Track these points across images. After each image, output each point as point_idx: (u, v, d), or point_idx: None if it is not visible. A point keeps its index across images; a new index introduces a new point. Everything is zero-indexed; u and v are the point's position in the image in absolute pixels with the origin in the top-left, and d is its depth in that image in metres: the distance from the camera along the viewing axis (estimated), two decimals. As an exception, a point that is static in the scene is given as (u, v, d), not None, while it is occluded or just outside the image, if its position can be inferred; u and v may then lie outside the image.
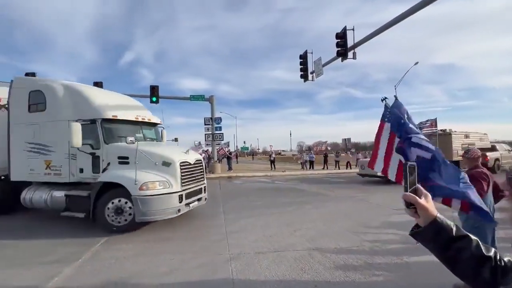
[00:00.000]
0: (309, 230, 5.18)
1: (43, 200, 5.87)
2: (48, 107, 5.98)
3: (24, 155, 6.18)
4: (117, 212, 5.21)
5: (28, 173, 6.19)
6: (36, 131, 6.08)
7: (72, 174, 5.78)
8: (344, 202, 8.02)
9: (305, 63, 11.62)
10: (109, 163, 5.50)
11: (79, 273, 3.56)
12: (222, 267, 3.62)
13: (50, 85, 6.10)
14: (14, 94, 6.35)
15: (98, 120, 5.68)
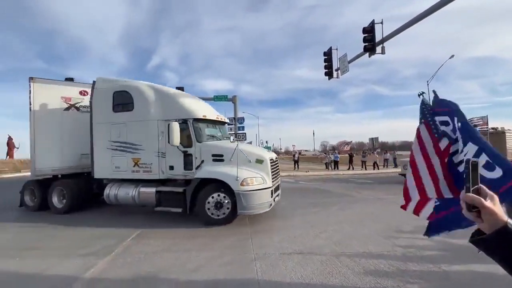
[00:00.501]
0: (335, 233, 5.00)
1: (130, 196, 6.12)
2: (136, 107, 6.19)
3: (108, 153, 6.40)
4: (216, 206, 5.51)
5: (113, 171, 6.40)
6: (122, 130, 6.29)
7: (162, 171, 6.00)
8: (372, 204, 7.65)
9: (330, 60, 11.26)
10: (203, 160, 5.76)
11: (112, 265, 3.76)
12: (247, 266, 3.62)
13: (137, 87, 6.30)
14: (97, 94, 6.54)
15: (190, 120, 5.95)
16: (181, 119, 5.90)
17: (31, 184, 7.36)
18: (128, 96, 6.26)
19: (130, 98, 6.24)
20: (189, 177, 5.84)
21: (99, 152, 6.53)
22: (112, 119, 6.38)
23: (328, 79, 11.54)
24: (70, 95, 7.32)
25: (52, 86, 7.09)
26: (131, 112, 6.23)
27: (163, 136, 5.91)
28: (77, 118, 7.34)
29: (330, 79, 11.69)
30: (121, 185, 6.40)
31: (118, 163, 6.31)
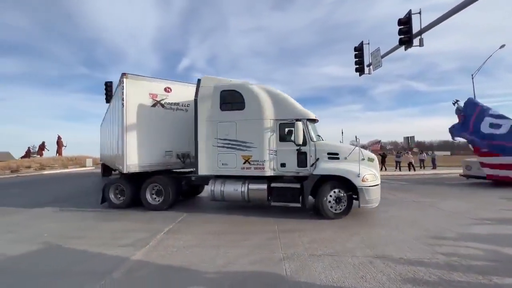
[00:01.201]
0: (368, 236, 4.76)
1: (239, 192, 6.36)
2: (247, 106, 6.38)
3: (214, 151, 6.56)
4: (336, 201, 5.87)
5: (219, 168, 6.54)
6: (231, 128, 6.45)
7: (273, 168, 6.26)
8: (408, 207, 7.16)
9: (361, 55, 10.78)
10: (318, 158, 6.06)
11: (147, 257, 3.97)
12: (276, 266, 3.59)
13: (249, 87, 6.51)
14: (203, 92, 6.70)
15: (304, 120, 6.20)
16: (295, 119, 6.14)
17: (117, 181, 7.52)
18: (238, 95, 6.44)
19: (240, 97, 6.42)
20: (302, 174, 6.14)
21: (204, 149, 6.63)
22: (220, 117, 6.53)
23: (359, 75, 11.06)
24: (156, 91, 7.38)
25: (141, 83, 7.21)
26: (241, 111, 6.40)
27: (275, 135, 6.26)
28: (162, 115, 7.45)
29: (361, 76, 11.19)
30: (225, 182, 6.54)
31: (226, 160, 6.47)
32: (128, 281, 3.23)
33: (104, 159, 14.99)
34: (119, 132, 7.20)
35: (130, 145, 6.86)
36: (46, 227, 5.68)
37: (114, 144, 8.40)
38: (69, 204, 8.24)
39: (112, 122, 9.35)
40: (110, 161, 10.95)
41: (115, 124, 8.09)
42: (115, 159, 8.38)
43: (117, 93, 7.62)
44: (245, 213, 6.68)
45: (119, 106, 7.11)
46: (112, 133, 9.13)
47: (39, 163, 27.82)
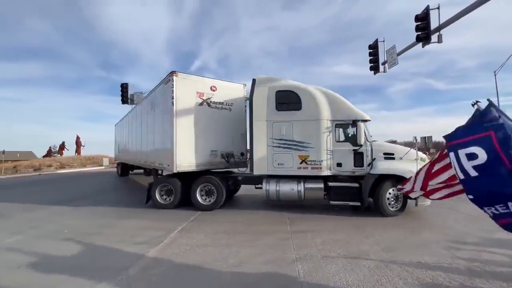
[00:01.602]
0: (383, 238, 4.64)
1: (296, 191, 6.41)
2: (304, 107, 6.44)
3: (269, 150, 6.57)
4: (395, 199, 6.08)
5: (274, 167, 6.56)
6: (287, 128, 6.49)
7: (330, 168, 6.37)
8: (425, 210, 6.89)
9: (376, 53, 10.49)
10: (374, 158, 6.20)
11: (161, 255, 4.05)
12: (289, 267, 3.56)
13: (305, 88, 6.58)
14: (258, 92, 6.70)
15: (360, 121, 6.31)
16: (351, 120, 6.32)
17: (164, 180, 7.36)
18: (295, 96, 6.50)
19: (297, 98, 6.48)
20: (358, 173, 6.28)
21: (260, 149, 6.63)
22: (276, 117, 6.56)
23: (374, 73, 10.77)
24: (202, 90, 7.29)
25: (189, 81, 7.11)
26: (298, 111, 6.46)
27: (332, 135, 6.38)
28: (209, 114, 7.37)
29: (376, 74, 10.89)
30: (279, 182, 6.56)
31: (282, 160, 6.50)
32: (144, 278, 3.31)
33: (126, 158, 14.67)
34: (167, 131, 7.00)
35: (180, 144, 6.76)
36: (67, 224, 5.93)
37: (156, 143, 8.07)
38: (88, 201, 8.55)
39: (149, 121, 9.00)
40: (137, 160, 11.11)
41: (158, 123, 7.83)
42: (156, 159, 8.13)
43: (163, 91, 7.40)
44: (256, 213, 6.69)
45: (168, 105, 6.93)
46: (149, 132, 8.84)
47: (59, 162, 29.07)
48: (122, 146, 15.81)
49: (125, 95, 18.90)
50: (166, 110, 7.12)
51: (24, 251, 4.31)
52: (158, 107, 7.97)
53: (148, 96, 9.48)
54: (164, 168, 7.45)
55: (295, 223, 5.66)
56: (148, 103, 9.20)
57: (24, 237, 5.03)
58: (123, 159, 15.87)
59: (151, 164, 8.80)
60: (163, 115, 7.50)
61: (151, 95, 8.85)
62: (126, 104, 18.91)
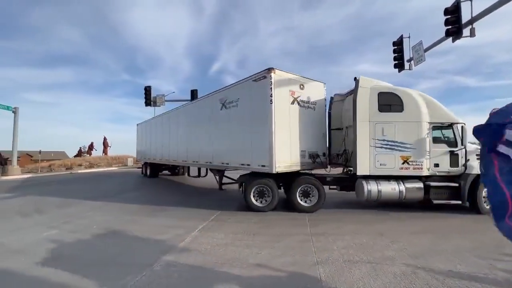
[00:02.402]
0: (410, 244, 4.41)
1: (397, 191, 6.47)
2: (405, 109, 6.60)
3: (371, 151, 6.62)
4: None
5: (376, 168, 6.61)
6: (390, 129, 6.59)
7: (428, 168, 6.56)
8: (458, 214, 6.47)
9: (401, 50, 10.06)
10: (468, 159, 6.49)
11: (183, 252, 4.15)
12: (309, 269, 3.50)
13: (406, 91, 6.76)
14: (361, 93, 6.75)
15: (457, 124, 6.64)
16: (448, 123, 6.63)
17: (259, 182, 7.01)
18: (397, 98, 6.65)
19: (398, 100, 6.64)
20: (453, 173, 6.55)
21: (363, 150, 6.67)
22: (378, 118, 6.65)
23: (398, 71, 10.33)
24: (293, 88, 7.09)
25: (284, 78, 6.92)
26: (400, 113, 6.60)
27: (430, 137, 6.58)
28: (298, 113, 7.20)
29: (401, 72, 10.44)
30: (378, 182, 6.58)
31: (384, 160, 6.59)
32: (167, 275, 3.40)
33: (160, 159, 14.38)
34: (263, 130, 6.72)
35: (277, 144, 6.56)
36: (96, 220, 6.27)
37: (237, 143, 7.70)
38: (115, 199, 8.99)
39: (219, 119, 8.64)
40: (184, 160, 11.06)
41: (244, 122, 7.49)
42: (236, 159, 7.74)
43: (253, 88, 7.09)
44: (275, 214, 6.65)
45: (262, 103, 6.69)
46: (220, 131, 8.54)
47: (88, 162, 30.86)
48: (154, 146, 15.46)
49: (148, 98, 19.71)
50: (260, 108, 6.83)
51: (59, 244, 4.62)
52: (242, 105, 7.54)
53: (212, 95, 9.06)
54: (254, 169, 7.09)
55: (316, 225, 5.55)
56: (213, 102, 8.85)
57: (59, 232, 5.38)
58: (152, 159, 15.68)
59: (220, 165, 8.48)
60: (252, 113, 7.13)
61: (222, 93, 8.44)
62: (149, 106, 19.73)
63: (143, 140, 17.88)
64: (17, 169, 20.09)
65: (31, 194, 10.57)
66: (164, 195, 9.88)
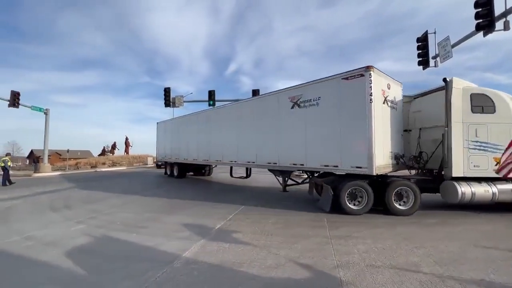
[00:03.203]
0: (436, 250, 4.19)
1: (491, 193, 6.43)
2: (497, 110, 6.58)
3: (465, 152, 6.55)
4: None
5: (469, 169, 6.54)
6: (482, 130, 6.56)
7: None
8: (492, 220, 6.07)
9: (425, 46, 9.63)
10: None
11: (202, 250, 4.22)
12: (329, 272, 3.42)
13: (497, 92, 6.75)
14: (455, 93, 6.66)
15: None
16: None
17: (357, 184, 6.74)
18: (488, 99, 6.64)
19: (490, 101, 6.63)
20: None
21: (457, 151, 6.58)
22: (471, 119, 6.60)
23: (423, 69, 9.89)
24: (383, 87, 6.97)
25: (379, 77, 6.74)
26: (492, 114, 6.59)
27: None
28: (388, 113, 7.09)
29: (425, 69, 9.98)
30: (470, 184, 6.50)
31: (477, 162, 6.54)
32: (187, 272, 3.47)
33: (193, 158, 14.03)
34: (357, 130, 6.52)
35: (377, 145, 6.39)
36: (119, 216, 6.55)
37: (330, 143, 7.16)
38: (137, 196, 9.34)
39: (294, 119, 8.19)
40: (228, 159, 10.91)
41: (328, 121, 7.20)
42: (321, 159, 7.34)
43: (342, 87, 6.84)
44: (294, 214, 6.59)
45: (362, 102, 6.40)
46: (296, 130, 8.06)
47: (111, 161, 32.30)
48: (184, 146, 14.94)
49: (168, 98, 20.24)
50: (354, 108, 6.60)
51: (86, 238, 4.87)
52: (325, 103, 7.25)
53: (276, 94, 8.77)
54: (346, 170, 6.82)
55: (335, 228, 5.43)
56: (279, 100, 8.57)
57: (85, 227, 5.67)
58: (181, 159, 15.16)
59: (289, 166, 8.24)
60: (342, 112, 6.86)
61: (292, 91, 8.16)
62: (168, 107, 20.26)
63: (167, 139, 17.23)
64: (47, 167, 21.43)
65: (60, 190, 11.25)
66: (182, 194, 10.10)
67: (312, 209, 7.17)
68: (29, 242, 4.73)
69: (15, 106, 19.15)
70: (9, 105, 18.98)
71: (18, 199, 9.21)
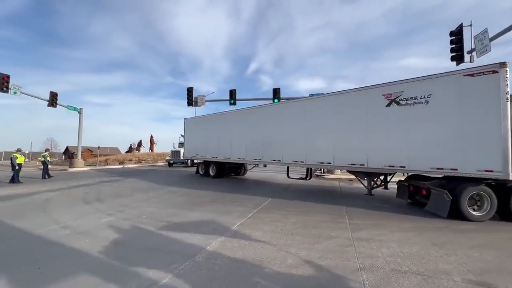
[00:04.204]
0: (471, 259, 3.91)
1: None
2: None
3: None
4: None
5: None
6: None
7: None
8: (530, 230, 5.55)
9: (459, 40, 8.99)
10: None
11: (223, 246, 4.30)
12: (352, 275, 3.33)
13: None
14: None
15: None
16: None
17: (481, 189, 6.17)
18: None
19: None
20: None
21: None
22: None
23: (456, 64, 9.26)
24: None
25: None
26: None
27: None
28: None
29: (459, 65, 9.33)
30: None
31: None
32: (208, 267, 3.56)
33: (236, 157, 13.30)
34: (493, 131, 6.02)
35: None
36: (145, 210, 6.86)
37: (445, 144, 6.65)
38: (162, 192, 9.73)
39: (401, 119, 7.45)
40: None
41: (441, 121, 6.72)
42: (441, 162, 6.68)
43: (470, 84, 6.35)
44: (315, 215, 6.48)
45: (495, 101, 5.96)
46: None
47: (137, 157, 33.90)
48: (224, 143, 14.04)
49: (190, 98, 20.79)
50: (483, 107, 6.13)
51: (115, 230, 5.17)
52: (438, 102, 6.74)
53: (364, 90, 8.18)
54: (469, 174, 6.27)
55: (358, 230, 5.27)
56: (369, 97, 7.99)
57: (114, 219, 6.02)
58: (220, 158, 14.29)
59: (382, 168, 7.73)
60: (465, 112, 6.37)
61: (388, 88, 7.60)
62: (191, 106, 20.82)
63: (199, 137, 16.21)
64: (81, 162, 23.04)
65: (92, 184, 12.04)
66: (203, 190, 10.34)
67: (332, 209, 7.01)
68: (65, 231, 5.13)
69: (53, 105, 20.80)
70: (48, 105, 20.65)
71: (55, 191, 10.00)
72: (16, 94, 18.01)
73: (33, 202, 7.99)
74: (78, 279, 3.23)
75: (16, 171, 12.82)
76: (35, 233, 4.96)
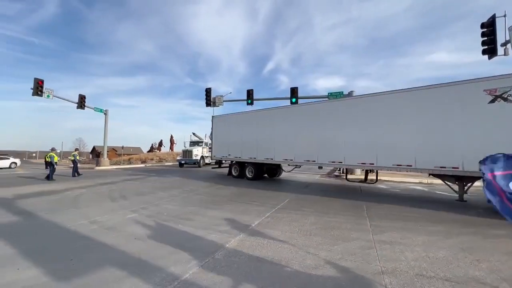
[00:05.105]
0: (506, 266, 3.64)
1: None
2: None
3: None
4: None
5: None
6: None
7: None
8: None
9: (492, 32, 8.40)
10: None
11: (241, 245, 4.34)
12: (373, 278, 3.23)
13: None
14: None
15: None
16: None
17: None
18: None
19: None
20: None
21: None
22: None
23: (488, 58, 8.67)
24: None
25: None
26: None
27: None
28: None
29: (491, 58, 8.71)
30: None
31: None
32: (227, 264, 3.62)
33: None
34: None
35: None
36: (165, 207, 7.10)
37: None
38: (183, 190, 10.01)
39: None
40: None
41: None
42: None
43: None
44: (334, 216, 6.36)
45: None
46: None
47: (158, 157, 35.11)
48: (267, 144, 12.60)
49: (209, 99, 21.16)
50: None
51: (139, 226, 5.40)
52: None
53: (459, 84, 7.42)
54: None
55: (380, 233, 5.09)
56: (464, 94, 7.32)
57: (138, 215, 6.28)
58: (262, 159, 12.87)
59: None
60: None
61: (491, 82, 6.97)
62: (209, 106, 21.19)
63: (231, 136, 14.71)
64: (106, 161, 24.27)
65: (117, 182, 12.64)
66: (220, 190, 10.49)
67: (352, 211, 6.83)
68: (93, 226, 5.43)
69: (81, 107, 22.12)
70: (77, 107, 22.00)
71: (84, 188, 10.61)
72: (49, 97, 19.34)
73: (65, 198, 8.54)
74: (105, 271, 3.42)
75: (53, 169, 13.71)
76: (67, 227, 5.31)
